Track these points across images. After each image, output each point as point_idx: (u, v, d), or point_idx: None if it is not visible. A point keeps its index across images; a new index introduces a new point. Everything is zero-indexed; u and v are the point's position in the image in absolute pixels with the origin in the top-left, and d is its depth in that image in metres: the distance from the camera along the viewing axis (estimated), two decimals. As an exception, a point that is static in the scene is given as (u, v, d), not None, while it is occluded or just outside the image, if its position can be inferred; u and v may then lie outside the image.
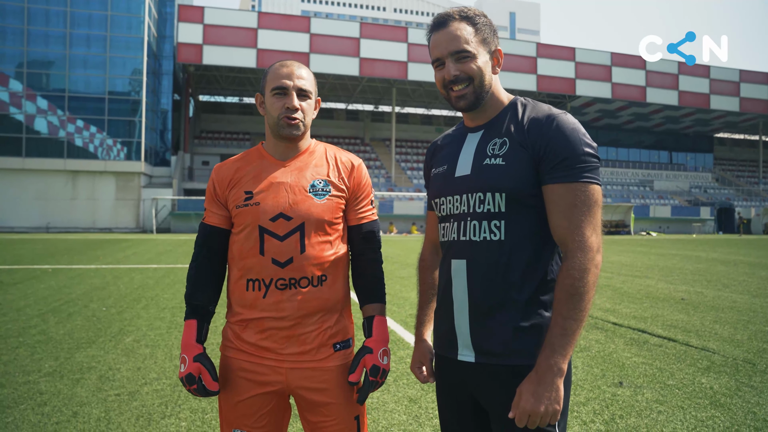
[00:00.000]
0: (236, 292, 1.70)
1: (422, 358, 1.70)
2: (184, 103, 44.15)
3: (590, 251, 1.36)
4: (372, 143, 53.28)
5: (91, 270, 11.59)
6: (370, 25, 43.31)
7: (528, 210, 1.45)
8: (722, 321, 6.51)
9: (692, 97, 48.31)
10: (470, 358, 1.49)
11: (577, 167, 1.39)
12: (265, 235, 1.64)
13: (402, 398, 3.75)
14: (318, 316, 1.68)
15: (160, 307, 7.11)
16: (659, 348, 5.20)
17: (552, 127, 1.41)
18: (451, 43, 1.49)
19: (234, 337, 1.70)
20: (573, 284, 1.34)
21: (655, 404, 3.66)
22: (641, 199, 49.96)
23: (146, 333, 5.64)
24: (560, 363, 1.33)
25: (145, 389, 3.87)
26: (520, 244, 1.45)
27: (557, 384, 1.32)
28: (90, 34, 36.80)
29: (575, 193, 1.38)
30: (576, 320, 1.34)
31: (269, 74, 1.72)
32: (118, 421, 3.28)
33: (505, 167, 1.44)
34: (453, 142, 1.65)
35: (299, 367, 1.66)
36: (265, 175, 1.70)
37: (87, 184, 36.91)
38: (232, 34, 39.00)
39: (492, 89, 1.55)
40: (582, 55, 45.77)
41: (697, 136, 60.82)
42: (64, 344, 5.12)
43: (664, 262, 15.15)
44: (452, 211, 1.54)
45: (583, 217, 1.38)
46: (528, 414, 1.32)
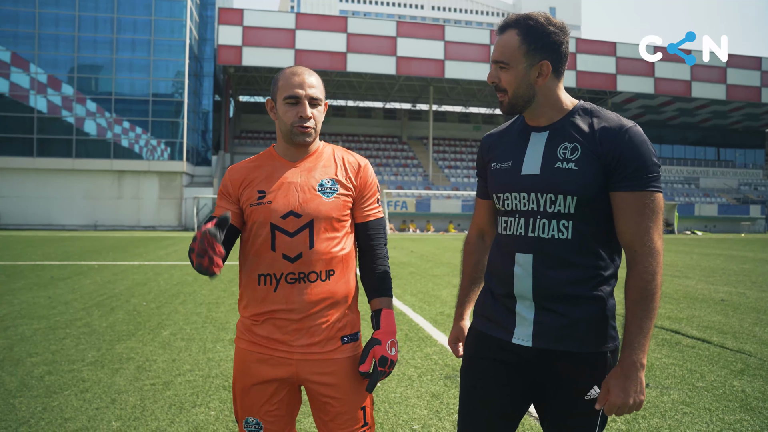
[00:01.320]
0: (249, 286, 1.80)
1: (460, 335, 1.87)
2: (225, 104, 45.15)
3: (658, 255, 1.50)
4: (409, 142, 53.28)
5: (134, 266, 12.05)
6: (407, 23, 43.28)
7: (594, 213, 1.56)
8: (763, 323, 6.32)
9: (741, 90, 46.36)
10: (527, 343, 1.60)
11: (645, 177, 1.50)
12: (276, 232, 1.74)
13: (424, 393, 3.81)
14: (327, 309, 1.77)
15: (197, 303, 7.37)
16: (692, 349, 5.10)
17: (625, 139, 1.51)
18: (495, 51, 1.62)
19: (247, 330, 1.81)
20: (645, 287, 1.48)
21: (681, 405, 3.62)
22: (686, 197, 48.35)
23: (182, 327, 5.87)
24: (642, 358, 1.47)
25: (179, 380, 4.06)
26: (584, 244, 1.56)
27: (641, 377, 1.47)
28: (135, 39, 38.08)
29: (643, 200, 1.50)
30: (650, 318, 1.48)
31: (280, 81, 1.80)
32: (152, 409, 3.46)
33: (577, 172, 1.53)
34: (515, 138, 1.71)
35: (309, 358, 1.75)
36: (277, 175, 1.80)
37: (132, 183, 38.24)
38: (271, 36, 39.66)
39: (546, 96, 1.62)
40: (623, 50, 44.58)
41: (746, 132, 58.40)
42: (106, 336, 5.38)
43: (706, 262, 14.69)
44: (518, 207, 1.63)
45: (651, 223, 1.50)
46: (617, 407, 1.46)
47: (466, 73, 42.53)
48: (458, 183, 46.40)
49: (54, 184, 37.05)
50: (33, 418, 3.29)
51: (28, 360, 4.51)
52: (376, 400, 3.67)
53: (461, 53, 42.19)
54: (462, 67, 42.30)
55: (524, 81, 1.58)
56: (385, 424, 3.28)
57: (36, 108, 37.07)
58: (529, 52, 1.56)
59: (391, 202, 39.02)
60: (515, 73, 1.58)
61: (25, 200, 36.66)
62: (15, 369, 4.26)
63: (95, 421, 3.26)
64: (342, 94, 50.02)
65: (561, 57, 1.59)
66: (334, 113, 53.88)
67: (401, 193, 41.19)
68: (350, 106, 54.58)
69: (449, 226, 39.31)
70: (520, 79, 1.58)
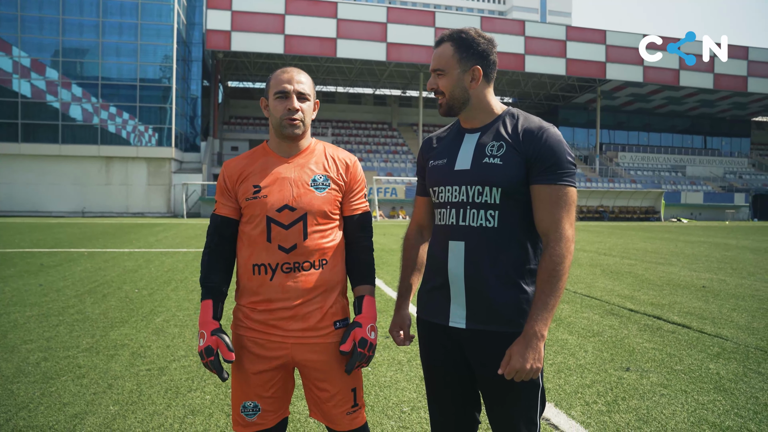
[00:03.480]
0: (245, 276, 1.90)
1: (401, 323, 1.98)
2: (213, 90, 44.82)
3: (568, 241, 1.66)
4: (399, 128, 53.26)
5: (125, 253, 12.08)
6: (397, 9, 43.08)
7: (517, 203, 1.73)
8: (741, 309, 6.52)
9: (729, 79, 46.79)
10: (461, 325, 1.76)
11: (558, 172, 1.68)
12: (272, 225, 1.85)
13: (413, 377, 3.94)
14: (320, 296, 1.89)
15: (188, 290, 7.45)
16: (672, 334, 5.28)
17: (543, 138, 1.69)
18: (433, 62, 1.82)
19: (244, 317, 1.91)
20: (554, 269, 1.63)
21: (659, 388, 3.78)
22: (672, 185, 48.89)
23: (175, 313, 5.95)
24: (543, 330, 1.62)
25: (174, 365, 4.15)
26: (510, 232, 1.73)
27: (540, 347, 1.61)
28: (122, 23, 37.60)
29: (557, 193, 1.68)
30: (555, 296, 1.63)
31: (272, 80, 1.91)
32: (149, 394, 3.56)
33: (502, 166, 1.71)
34: (451, 139, 1.91)
35: (303, 342, 1.87)
36: (271, 170, 1.90)
37: (120, 169, 37.98)
38: (260, 21, 39.31)
39: (478, 99, 1.81)
40: (613, 38, 44.72)
41: (733, 120, 59.00)
42: (99, 323, 5.46)
43: (690, 249, 14.97)
44: (450, 199, 1.80)
45: (563, 213, 1.67)
46: (516, 371, 1.60)
47: (456, 59, 42.42)
48: (448, 170, 46.42)
49: (41, 171, 36.71)
50: (32, 402, 3.37)
51: (23, 347, 4.58)
52: (367, 384, 3.79)
53: (452, 40, 41.99)
54: (452, 54, 42.15)
55: (459, 84, 1.78)
56: (376, 407, 3.41)
57: (20, 92, 36.57)
58: (462, 60, 1.77)
59: (381, 189, 39.10)
60: (451, 78, 1.78)
61: (12, 186, 36.33)
62: (11, 356, 4.33)
63: (93, 405, 3.35)
64: (332, 80, 49.79)
65: (490, 64, 1.80)
66: (324, 99, 53.58)
67: (391, 179, 41.27)
68: (340, 92, 54.36)
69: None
70: (455, 83, 1.78)
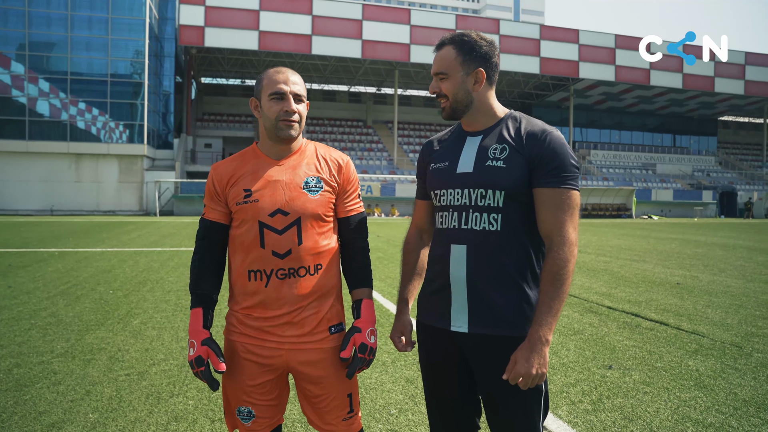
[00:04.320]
0: (239, 282, 1.84)
1: (403, 329, 1.92)
2: (186, 86, 44.04)
3: (571, 245, 1.65)
4: (374, 126, 53.17)
5: (97, 253, 11.79)
6: (373, 6, 42.91)
7: (520, 206, 1.71)
8: (715, 305, 6.66)
9: (697, 79, 47.88)
10: (463, 329, 1.73)
11: (562, 176, 1.67)
12: (265, 230, 1.79)
13: (399, 378, 3.92)
14: (315, 302, 1.85)
15: (165, 290, 7.30)
16: (651, 332, 5.36)
17: (546, 141, 1.68)
18: (435, 65, 1.81)
19: (238, 323, 1.85)
20: (558, 272, 1.62)
21: (641, 385, 3.83)
22: (643, 183, 49.88)
23: (153, 315, 5.82)
24: (548, 335, 1.60)
25: (154, 369, 4.05)
26: (512, 235, 1.71)
27: (545, 352, 1.60)
28: (92, 16, 36.64)
29: (561, 196, 1.67)
30: (560, 300, 1.62)
31: (265, 80, 1.84)
32: (129, 400, 3.46)
33: (505, 169, 1.70)
34: (452, 142, 1.88)
35: (298, 348, 1.83)
36: (262, 173, 1.84)
37: (90, 166, 37.07)
38: (234, 16, 38.76)
39: (481, 102, 1.80)
40: (586, 38, 45.34)
41: (701, 120, 60.45)
42: (74, 326, 5.30)
43: (663, 246, 15.28)
44: (452, 202, 1.78)
45: (567, 216, 1.66)
46: (521, 376, 1.58)
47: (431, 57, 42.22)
48: (424, 168, 46.54)
49: (7, 167, 35.60)
50: (5, 412, 3.24)
51: (-6, 352, 4.42)
52: (353, 387, 3.75)
53: (427, 37, 42.14)
54: (427, 52, 42.10)
55: (462, 87, 1.76)
56: (363, 410, 3.37)
57: (-17, 87, 35.41)
58: (465, 62, 1.75)
59: (357, 187, 38.88)
60: (454, 81, 1.76)
61: (-24, 184, 35.16)
62: (-19, 361, 4.17)
63: (71, 413, 3.24)
64: (306, 77, 49.41)
65: (493, 66, 1.79)
66: (298, 96, 53.05)
67: (366, 177, 41.19)
68: (315, 89, 54.02)
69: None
70: (459, 86, 1.76)
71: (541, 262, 1.75)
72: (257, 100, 1.87)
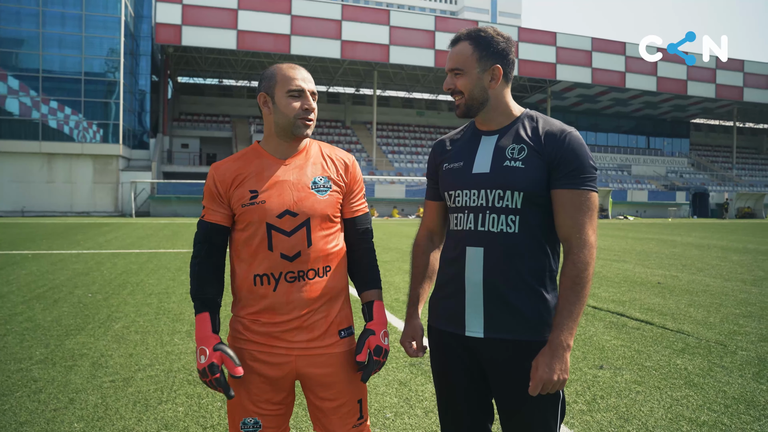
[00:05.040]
0: (245, 287, 1.77)
1: (414, 333, 1.86)
2: (163, 85, 43.41)
3: (591, 248, 1.62)
4: (353, 126, 53.06)
5: (73, 255, 11.49)
6: (352, 6, 42.82)
7: (538, 208, 1.67)
8: (696, 304, 6.76)
9: (670, 83, 48.91)
10: (479, 334, 1.69)
11: (581, 177, 1.63)
12: (273, 232, 1.73)
13: (392, 381, 3.87)
14: (325, 305, 1.79)
15: (146, 293, 7.13)
16: (637, 331, 5.41)
17: (565, 142, 1.64)
18: (450, 61, 1.75)
19: (244, 329, 1.78)
20: (578, 275, 1.58)
21: (633, 385, 3.84)
22: (619, 184, 50.69)
23: (135, 319, 5.67)
24: (569, 340, 1.57)
25: (140, 375, 3.93)
26: (531, 238, 1.67)
27: (566, 357, 1.56)
28: (65, 13, 35.82)
29: (580, 198, 1.63)
30: (580, 304, 1.59)
31: (278, 75, 1.77)
32: (116, 407, 3.34)
33: (524, 170, 1.65)
34: (466, 141, 1.82)
35: (308, 353, 1.76)
36: (268, 173, 1.77)
37: (63, 167, 36.23)
38: (212, 15, 38.30)
39: (497, 100, 1.75)
40: (563, 40, 45.93)
41: (674, 122, 61.71)
42: (53, 331, 5.13)
43: (640, 246, 15.51)
44: (468, 203, 1.73)
45: (586, 218, 1.62)
46: (543, 382, 1.54)
47: (410, 58, 42.65)
48: (402, 168, 46.69)
49: (-25, 167, 34.61)
50: (-15, 421, 3.11)
51: (-31, 359, 4.25)
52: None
53: (406, 38, 42.23)
54: (406, 53, 42.37)
55: (478, 84, 1.71)
56: (357, 414, 3.31)
57: (-51, 84, 34.36)
58: (481, 59, 1.70)
59: (337, 188, 38.73)
60: (470, 78, 1.71)
61: (-58, 184, 34.11)
62: (-44, 369, 4.01)
63: (55, 423, 3.11)
64: (286, 77, 49.01)
65: (510, 63, 1.74)
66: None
67: (347, 178, 40.95)
68: (294, 89, 53.59)
69: (393, 211, 39.60)
70: (475, 83, 1.71)
71: (556, 265, 1.72)
72: (268, 96, 1.79)
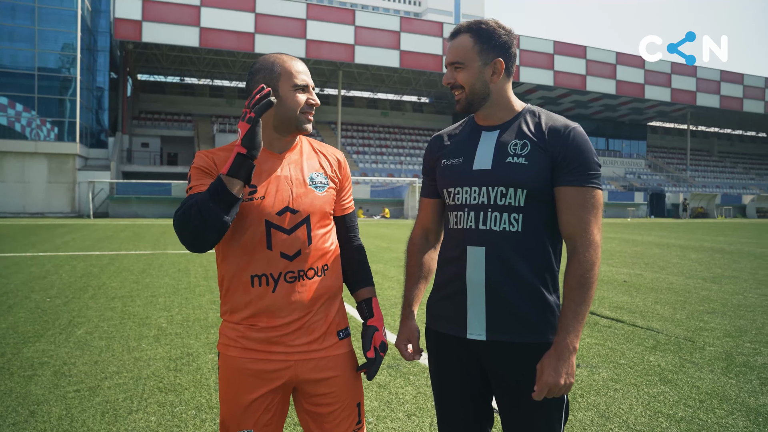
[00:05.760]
0: (239, 289, 1.67)
1: (410, 336, 1.79)
2: (122, 82, 42.19)
3: (597, 247, 1.56)
4: (317, 126, 52.67)
5: (28, 258, 11.00)
6: (318, 6, 42.52)
7: (541, 206, 1.61)
8: (662, 302, 6.92)
9: (629, 86, 50.32)
10: (481, 337, 1.62)
11: (586, 174, 1.58)
12: (272, 229, 1.64)
13: (371, 385, 3.79)
14: (325, 305, 1.73)
15: (109, 297, 6.85)
16: (609, 329, 5.48)
17: (570, 137, 1.59)
18: (450, 55, 1.69)
19: (239, 336, 1.67)
20: (584, 275, 1.53)
21: (611, 383, 3.87)
22: (580, 184, 51.83)
23: (98, 324, 5.43)
24: (575, 342, 1.51)
25: (106, 384, 3.74)
26: (533, 235, 1.61)
27: (573, 360, 1.51)
28: (15, 4, 34.32)
29: (585, 195, 1.58)
30: (586, 306, 1.53)
31: (282, 68, 1.69)
32: (82, 419, 3.16)
33: (527, 166, 1.59)
34: (466, 136, 1.76)
35: (308, 357, 1.68)
36: (265, 167, 1.68)
37: (15, 166, 34.74)
38: (174, 11, 37.39)
39: (498, 95, 1.69)
40: (526, 43, 46.66)
41: (632, 124, 63.52)
42: (8, 339, 4.86)
43: (604, 245, 15.83)
44: (469, 201, 1.66)
45: (591, 217, 1.58)
46: (549, 387, 1.49)
47: (375, 58, 42.63)
48: (366, 168, 46.65)
49: None
50: (-63, 437, 2.89)
51: None
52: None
53: (371, 39, 42.19)
54: (372, 53, 42.33)
55: (480, 78, 1.66)
56: (338, 419, 3.23)
57: None
58: (483, 51, 1.64)
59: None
60: (471, 71, 1.65)
61: None
62: None
63: (16, 436, 2.93)
64: (249, 75, 48.36)
65: (511, 57, 1.68)
66: (239, 95, 52.11)
67: (312, 178, 40.66)
68: (258, 88, 52.95)
69: (358, 212, 39.52)
70: (476, 77, 1.65)
71: (558, 264, 1.67)
72: (269, 88, 1.68)
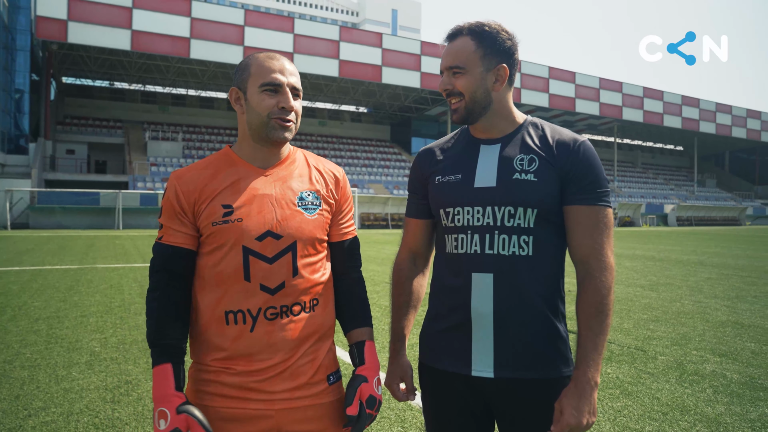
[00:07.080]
0: (212, 326, 1.42)
1: (403, 374, 1.62)
2: (45, 85, 39.73)
3: (612, 270, 1.45)
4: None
5: (-64, 275, 9.98)
6: (256, 13, 41.82)
7: (551, 227, 1.49)
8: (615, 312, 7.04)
9: (561, 100, 52.51)
10: (489, 374, 1.47)
11: (598, 191, 1.47)
12: (251, 257, 1.40)
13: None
14: (313, 345, 1.49)
15: (31, 319, 6.24)
16: (563, 340, 5.49)
17: (580, 152, 1.48)
18: (447, 58, 1.53)
19: (211, 381, 1.43)
20: (602, 301, 1.42)
21: (574, 398, 3.82)
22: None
23: (19, 351, 4.89)
24: (596, 377, 1.39)
25: (30, 423, 3.30)
26: (544, 260, 1.48)
27: (594, 397, 1.38)
28: None
29: (597, 215, 1.47)
30: (604, 335, 1.42)
31: (253, 67, 1.47)
32: (3, 465, 2.76)
33: (537, 183, 1.46)
34: (461, 150, 1.59)
35: (293, 405, 1.44)
36: (245, 185, 1.45)
37: None
38: (103, 12, 35.65)
39: (500, 104, 1.55)
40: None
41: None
42: None
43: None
44: (472, 223, 1.50)
45: (605, 238, 1.46)
46: (571, 428, 1.35)
47: (314, 67, 42.37)
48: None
49: None
50: None
51: None
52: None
53: (310, 47, 41.95)
54: (310, 61, 42.03)
55: (482, 85, 1.51)
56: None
57: None
58: (485, 56, 1.50)
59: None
60: (472, 78, 1.50)
61: None
62: None
63: None
64: (183, 82, 46.99)
65: (515, 63, 1.55)
66: (173, 102, 50.49)
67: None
68: (191, 95, 51.66)
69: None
70: (478, 83, 1.51)
71: (564, 290, 1.54)
72: (240, 91, 1.48)
